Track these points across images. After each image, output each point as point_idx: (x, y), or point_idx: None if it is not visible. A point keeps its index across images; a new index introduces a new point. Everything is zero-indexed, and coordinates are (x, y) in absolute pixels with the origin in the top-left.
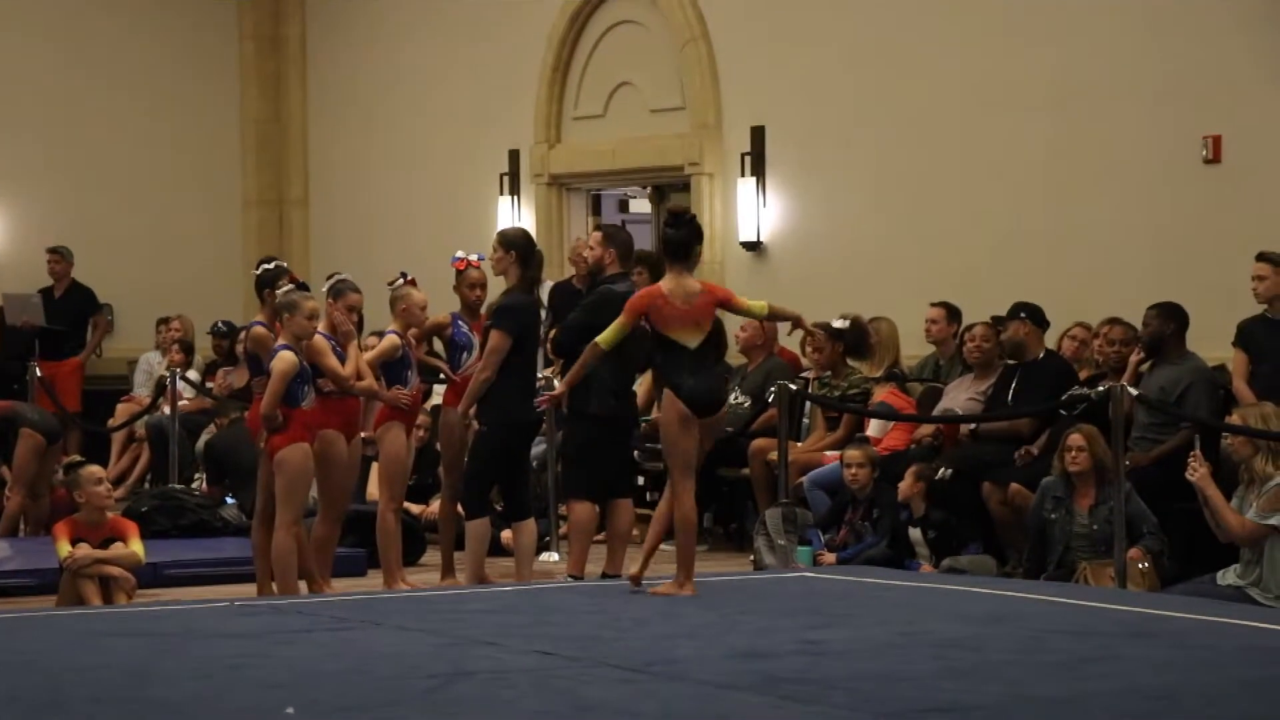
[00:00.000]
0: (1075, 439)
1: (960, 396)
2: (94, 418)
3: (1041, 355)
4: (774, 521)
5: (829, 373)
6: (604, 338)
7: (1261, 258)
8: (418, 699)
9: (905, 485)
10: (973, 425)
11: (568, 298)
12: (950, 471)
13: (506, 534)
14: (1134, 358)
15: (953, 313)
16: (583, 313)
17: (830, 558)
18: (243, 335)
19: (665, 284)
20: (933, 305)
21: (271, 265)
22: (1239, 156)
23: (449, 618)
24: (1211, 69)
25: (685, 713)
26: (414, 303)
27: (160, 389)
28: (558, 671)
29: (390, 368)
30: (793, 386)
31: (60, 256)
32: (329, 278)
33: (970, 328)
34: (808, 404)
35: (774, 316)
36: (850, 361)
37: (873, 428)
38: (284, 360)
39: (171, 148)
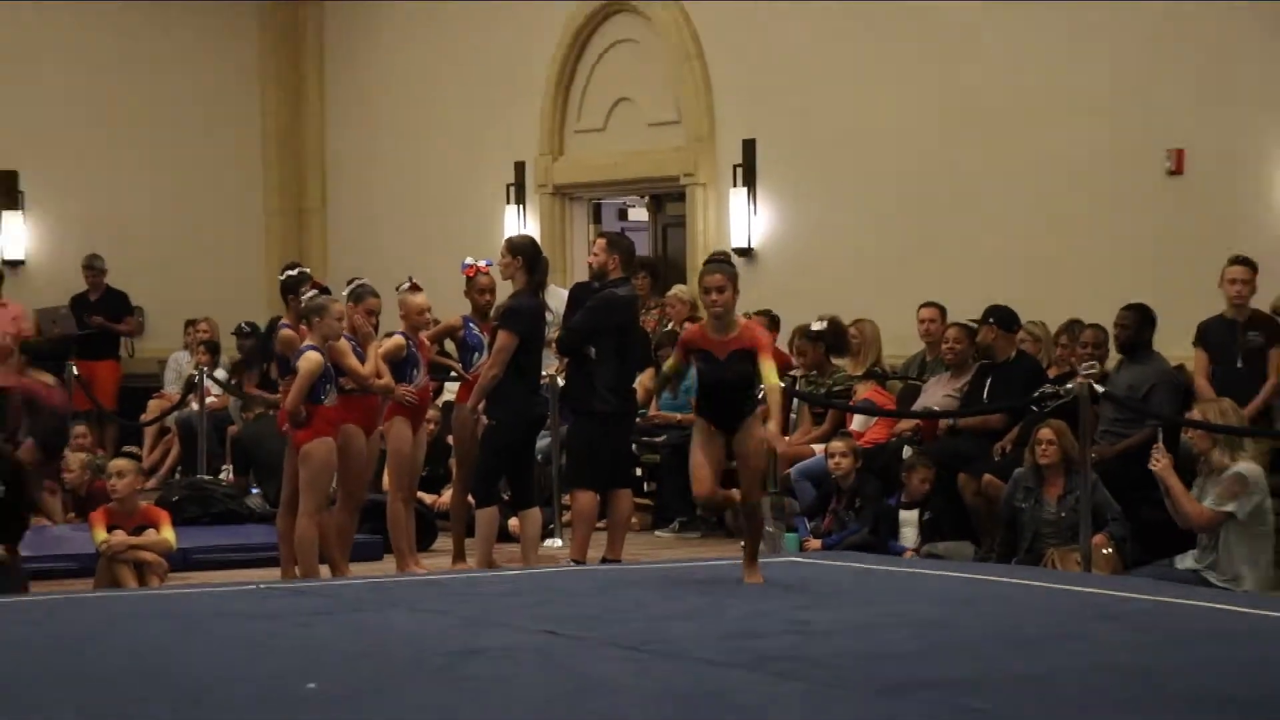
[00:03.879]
0: (1045, 433)
1: (937, 393)
2: (128, 413)
3: (1013, 355)
4: (764, 510)
5: (815, 371)
6: None
7: (1239, 261)
8: (431, 675)
9: (915, 485)
10: (950, 420)
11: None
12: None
13: (513, 521)
14: (1084, 368)
15: (945, 312)
16: (587, 315)
17: (816, 544)
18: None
19: None
20: (923, 306)
21: (295, 271)
22: (1199, 169)
23: (460, 600)
24: (1172, 86)
25: (682, 689)
26: (410, 307)
27: (189, 387)
28: (563, 650)
29: (397, 366)
30: (781, 384)
31: (94, 270)
32: (349, 282)
33: (945, 330)
34: (795, 400)
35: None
36: (834, 360)
37: (856, 422)
38: (310, 360)
39: (197, 162)
